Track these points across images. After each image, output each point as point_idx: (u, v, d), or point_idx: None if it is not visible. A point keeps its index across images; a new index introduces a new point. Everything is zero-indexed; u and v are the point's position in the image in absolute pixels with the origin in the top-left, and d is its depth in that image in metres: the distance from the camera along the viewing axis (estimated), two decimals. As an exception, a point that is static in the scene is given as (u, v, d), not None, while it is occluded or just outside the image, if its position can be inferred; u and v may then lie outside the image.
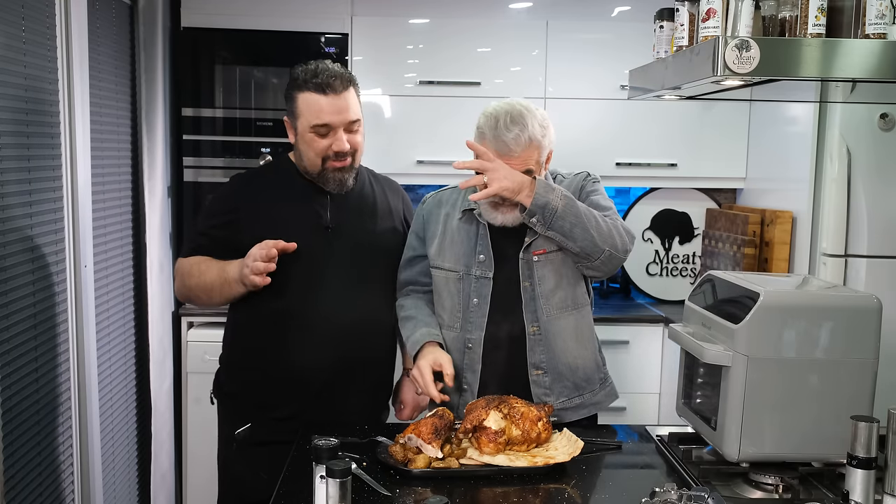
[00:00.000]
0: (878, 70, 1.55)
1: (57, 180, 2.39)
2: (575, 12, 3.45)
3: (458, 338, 2.14)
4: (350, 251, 2.17)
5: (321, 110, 2.07)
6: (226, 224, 2.16)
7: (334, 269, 2.15)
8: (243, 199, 2.19)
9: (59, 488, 2.38)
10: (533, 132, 2.01)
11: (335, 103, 2.07)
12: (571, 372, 2.13)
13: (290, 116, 2.15)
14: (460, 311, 2.14)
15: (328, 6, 3.36)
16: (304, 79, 2.08)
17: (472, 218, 2.15)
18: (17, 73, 2.14)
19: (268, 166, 2.37)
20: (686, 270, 3.82)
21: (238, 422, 2.17)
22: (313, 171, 2.15)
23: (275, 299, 2.10)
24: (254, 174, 2.33)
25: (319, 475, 1.45)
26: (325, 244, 2.15)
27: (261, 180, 2.26)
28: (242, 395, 2.21)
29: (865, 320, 1.69)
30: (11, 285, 2.11)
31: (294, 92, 2.10)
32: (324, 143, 2.10)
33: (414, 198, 3.93)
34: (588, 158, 3.47)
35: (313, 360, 2.12)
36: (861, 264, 2.87)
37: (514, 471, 1.75)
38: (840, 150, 2.88)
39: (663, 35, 1.94)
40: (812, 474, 1.74)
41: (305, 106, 2.08)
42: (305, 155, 2.13)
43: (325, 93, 2.07)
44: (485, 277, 2.11)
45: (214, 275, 2.12)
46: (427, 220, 2.24)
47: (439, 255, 2.18)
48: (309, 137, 2.10)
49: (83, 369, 2.52)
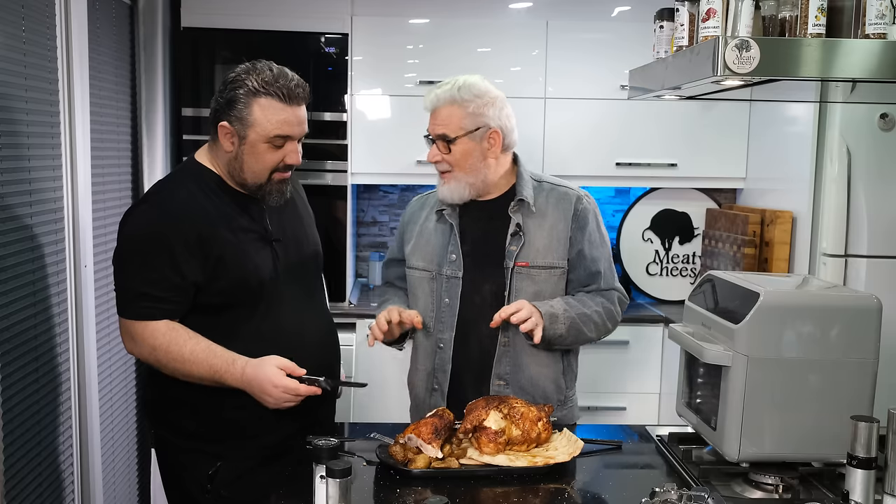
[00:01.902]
0: (878, 70, 1.55)
1: (57, 180, 2.39)
2: (575, 12, 3.45)
3: (431, 337, 2.14)
4: (296, 264, 2.02)
5: (285, 121, 1.87)
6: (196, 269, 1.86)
7: (286, 287, 1.97)
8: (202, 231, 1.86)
9: (59, 488, 2.38)
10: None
11: (298, 114, 1.89)
12: (532, 387, 2.11)
13: (233, 122, 1.87)
14: (433, 310, 2.14)
15: (328, 6, 3.36)
16: (265, 82, 1.85)
17: (445, 218, 2.15)
18: (17, 73, 2.14)
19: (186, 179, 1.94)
20: (686, 270, 3.82)
21: (202, 464, 1.92)
22: (254, 183, 1.91)
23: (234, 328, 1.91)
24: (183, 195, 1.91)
25: (319, 475, 1.45)
26: (274, 259, 1.96)
27: (198, 200, 1.90)
28: (211, 431, 1.94)
29: (865, 320, 1.69)
30: (11, 285, 2.11)
31: (246, 96, 1.85)
32: (277, 156, 1.89)
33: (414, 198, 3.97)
34: (588, 158, 3.49)
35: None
36: (861, 264, 2.87)
37: (514, 471, 1.75)
38: (840, 150, 2.88)
39: (663, 35, 1.94)
40: (812, 474, 1.74)
41: (264, 114, 1.85)
42: (249, 167, 1.89)
43: (291, 102, 1.87)
44: (455, 277, 2.11)
45: (205, 371, 1.85)
46: (408, 223, 2.26)
47: (413, 254, 2.19)
48: (262, 148, 1.88)
49: (83, 369, 2.52)
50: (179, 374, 1.87)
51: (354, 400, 3.31)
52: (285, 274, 1.97)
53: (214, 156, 1.95)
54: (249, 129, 1.87)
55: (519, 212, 2.10)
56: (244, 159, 1.90)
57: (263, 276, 1.92)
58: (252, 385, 1.83)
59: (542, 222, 2.10)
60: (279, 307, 1.96)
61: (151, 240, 1.85)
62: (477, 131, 2.06)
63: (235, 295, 1.90)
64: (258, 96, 1.86)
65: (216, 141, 1.92)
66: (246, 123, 1.86)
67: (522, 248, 2.08)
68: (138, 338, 1.87)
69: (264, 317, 1.93)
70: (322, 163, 3.38)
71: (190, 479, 1.95)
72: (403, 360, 3.31)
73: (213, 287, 1.88)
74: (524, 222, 2.09)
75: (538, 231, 2.10)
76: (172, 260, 1.84)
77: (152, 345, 1.86)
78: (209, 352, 1.85)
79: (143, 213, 1.91)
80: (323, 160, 3.39)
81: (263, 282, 1.92)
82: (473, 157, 2.07)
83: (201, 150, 1.99)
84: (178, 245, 1.84)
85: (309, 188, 2.21)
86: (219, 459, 1.92)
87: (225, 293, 1.89)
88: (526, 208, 2.10)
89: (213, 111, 1.92)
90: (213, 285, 1.88)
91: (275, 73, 1.88)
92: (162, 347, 1.85)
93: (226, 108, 1.88)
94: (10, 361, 2.10)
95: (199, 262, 1.85)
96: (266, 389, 1.82)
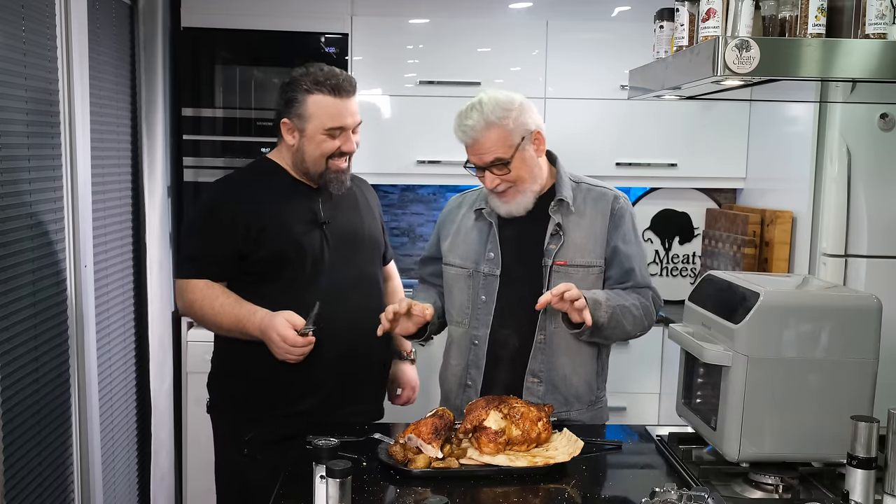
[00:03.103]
0: (878, 70, 1.55)
1: (57, 180, 2.39)
2: (575, 12, 3.45)
3: (466, 334, 2.17)
4: (346, 246, 2.22)
5: (338, 113, 2.13)
6: (238, 239, 2.14)
7: (333, 265, 2.19)
8: (249, 209, 2.16)
9: (59, 488, 2.38)
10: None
11: (348, 106, 2.15)
12: (566, 386, 2.13)
13: (293, 118, 2.15)
14: (469, 307, 2.17)
15: (328, 6, 3.36)
16: (317, 81, 2.12)
17: (484, 217, 2.18)
18: (18, 73, 2.14)
19: (250, 170, 2.32)
20: (686, 270, 3.82)
21: (244, 426, 2.19)
22: (315, 171, 2.18)
23: (279, 296, 2.13)
24: (242, 180, 2.28)
25: (319, 475, 1.45)
26: (323, 239, 2.19)
27: (254, 184, 2.23)
28: (250, 397, 2.20)
29: (865, 320, 1.69)
30: (12, 285, 2.11)
31: (301, 94, 2.13)
32: (334, 144, 2.15)
33: (414, 198, 3.98)
34: (588, 158, 3.48)
35: (324, 356, 2.13)
36: (861, 264, 2.87)
37: (514, 471, 1.75)
38: (840, 150, 2.88)
39: (663, 35, 1.94)
40: (812, 474, 1.75)
41: (318, 108, 2.12)
42: (310, 156, 2.16)
43: (340, 95, 2.13)
44: (492, 275, 2.13)
45: (231, 321, 2.13)
46: (445, 220, 2.30)
47: (451, 251, 2.23)
48: (320, 139, 2.14)
49: (83, 369, 2.52)
50: (211, 325, 2.17)
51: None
52: (334, 255, 2.19)
53: (279, 151, 2.24)
54: (307, 122, 2.14)
55: (559, 212, 2.13)
56: (305, 149, 2.16)
57: (306, 252, 2.15)
58: (265, 334, 2.07)
59: (580, 221, 2.13)
60: (321, 283, 2.16)
61: (204, 214, 2.23)
62: (524, 141, 2.09)
63: (277, 263, 2.14)
64: (312, 93, 2.12)
65: (281, 139, 2.21)
66: (304, 118, 2.14)
67: (561, 248, 2.11)
68: (181, 294, 2.20)
69: (305, 288, 2.14)
70: (322, 163, 3.38)
71: (232, 442, 2.21)
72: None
73: (256, 255, 2.13)
74: (563, 221, 2.12)
75: (576, 230, 2.13)
76: (219, 232, 2.14)
77: (191, 299, 2.16)
78: (236, 305, 2.12)
79: (205, 193, 2.39)
80: (323, 160, 3.38)
81: (305, 257, 2.14)
82: (530, 165, 2.10)
83: (273, 151, 2.28)
84: (225, 219, 2.14)
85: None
86: (258, 425, 2.16)
87: (265, 262, 2.14)
88: (565, 208, 2.13)
89: (276, 113, 2.20)
90: (256, 253, 2.13)
91: (325, 72, 2.14)
92: (197, 301, 2.15)
93: (285, 107, 2.16)
94: (10, 361, 2.10)
95: (243, 234, 2.12)
96: (272, 338, 2.05)
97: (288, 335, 2.04)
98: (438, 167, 3.44)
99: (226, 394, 2.27)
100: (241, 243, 2.13)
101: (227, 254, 2.15)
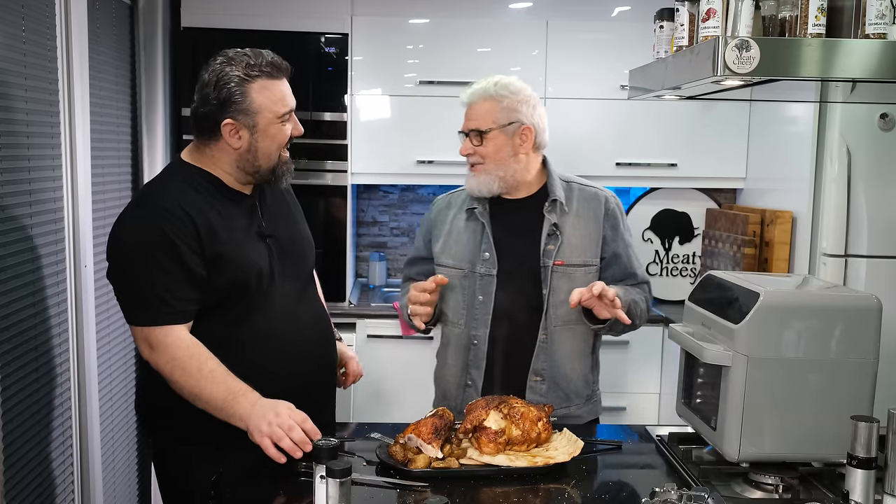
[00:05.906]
0: (878, 70, 1.55)
1: (57, 180, 2.39)
2: (575, 12, 3.45)
3: (463, 334, 2.18)
4: (290, 258, 2.00)
5: (284, 95, 1.89)
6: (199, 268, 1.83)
7: (282, 282, 1.96)
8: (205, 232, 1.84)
9: (59, 488, 2.38)
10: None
11: (288, 85, 1.91)
12: (566, 382, 2.17)
13: (237, 117, 1.85)
14: (464, 308, 2.18)
15: (328, 6, 3.36)
16: (250, 66, 1.84)
17: (476, 217, 2.18)
18: (17, 73, 2.14)
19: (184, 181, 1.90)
20: (686, 270, 3.82)
21: (204, 470, 1.80)
22: (268, 168, 1.92)
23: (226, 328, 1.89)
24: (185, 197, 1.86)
25: (319, 475, 1.45)
26: (270, 255, 1.95)
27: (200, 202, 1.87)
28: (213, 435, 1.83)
29: (865, 320, 1.69)
30: (11, 285, 2.11)
31: (238, 87, 1.83)
32: (287, 130, 1.91)
33: (414, 198, 3.98)
34: (588, 158, 3.49)
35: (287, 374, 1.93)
36: (861, 264, 2.87)
37: (514, 471, 1.75)
38: (840, 150, 2.88)
39: (663, 35, 1.94)
40: (812, 474, 1.74)
41: (264, 96, 1.85)
42: (264, 152, 1.89)
43: (279, 77, 1.88)
44: (489, 275, 2.14)
45: (219, 390, 1.78)
46: (434, 222, 2.30)
47: (444, 252, 2.22)
48: (274, 130, 1.88)
49: (83, 369, 2.52)
50: (190, 388, 1.80)
51: (355, 400, 3.31)
52: (280, 269, 1.96)
53: (204, 155, 1.92)
54: (256, 116, 1.86)
55: (553, 212, 2.15)
56: (259, 147, 1.88)
57: (261, 272, 1.91)
58: (265, 405, 1.75)
59: (575, 222, 2.16)
60: (275, 302, 1.94)
61: (155, 240, 1.80)
62: (509, 126, 2.11)
63: (234, 292, 1.88)
64: (252, 81, 1.84)
65: (210, 142, 1.90)
66: (251, 112, 1.85)
67: (559, 248, 2.13)
68: (159, 345, 1.81)
69: (261, 312, 1.92)
70: (322, 163, 3.38)
71: (193, 485, 1.88)
72: (403, 361, 3.32)
73: (213, 284, 1.85)
74: (559, 222, 2.14)
75: (572, 230, 2.16)
76: (180, 257, 1.80)
77: (173, 355, 1.80)
78: (228, 374, 1.80)
79: (139, 216, 1.87)
80: (323, 160, 3.38)
81: (261, 277, 1.90)
82: (504, 151, 2.12)
83: (186, 151, 1.97)
84: (181, 242, 1.80)
85: (309, 188, 2.22)
86: (220, 464, 1.80)
87: (223, 290, 1.87)
88: (559, 208, 2.15)
89: (204, 115, 1.88)
90: (213, 282, 1.85)
91: (251, 54, 1.87)
92: (182, 359, 1.80)
93: (222, 108, 1.85)
94: (10, 361, 2.10)
95: (200, 259, 1.83)
96: (279, 410, 1.74)
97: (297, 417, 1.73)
98: (438, 167, 3.44)
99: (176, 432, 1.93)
100: (202, 269, 1.83)
101: (196, 283, 1.83)
